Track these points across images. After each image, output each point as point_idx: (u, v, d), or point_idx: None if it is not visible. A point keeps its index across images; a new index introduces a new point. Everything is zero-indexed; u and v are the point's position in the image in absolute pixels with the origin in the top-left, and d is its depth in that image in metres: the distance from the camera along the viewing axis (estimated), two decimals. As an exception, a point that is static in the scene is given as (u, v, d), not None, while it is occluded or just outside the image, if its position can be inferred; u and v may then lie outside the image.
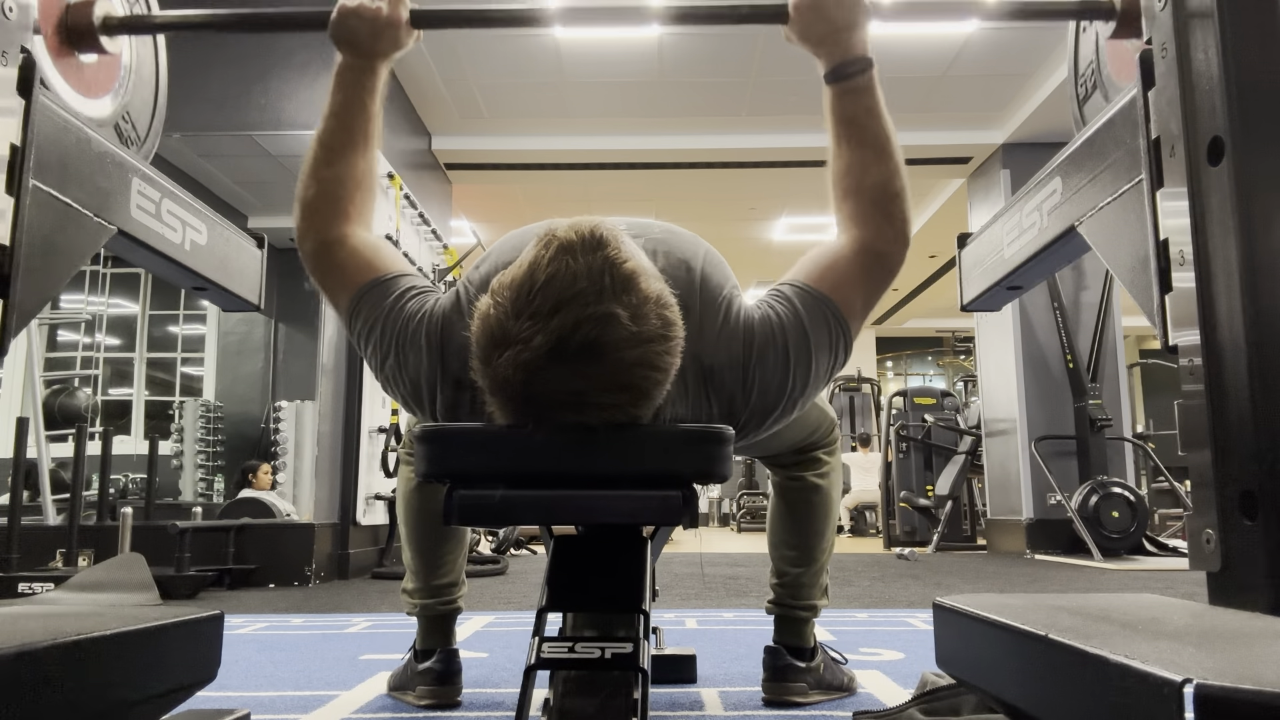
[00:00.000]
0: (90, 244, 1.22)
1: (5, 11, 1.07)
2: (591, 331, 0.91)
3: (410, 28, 1.29)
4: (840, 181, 1.23)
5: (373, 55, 1.27)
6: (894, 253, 1.19)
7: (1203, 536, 0.96)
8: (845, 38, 1.24)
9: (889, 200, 1.20)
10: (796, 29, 1.27)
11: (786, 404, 1.15)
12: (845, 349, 1.17)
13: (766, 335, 1.12)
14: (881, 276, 1.20)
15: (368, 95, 1.27)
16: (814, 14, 1.25)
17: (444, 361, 1.11)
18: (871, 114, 1.23)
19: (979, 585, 4.03)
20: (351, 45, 1.26)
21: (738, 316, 1.13)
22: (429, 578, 1.64)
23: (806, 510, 1.63)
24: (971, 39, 5.36)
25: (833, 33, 1.25)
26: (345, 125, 1.25)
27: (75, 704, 0.72)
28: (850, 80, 1.24)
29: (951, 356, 13.91)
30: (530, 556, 6.09)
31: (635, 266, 0.95)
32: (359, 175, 1.25)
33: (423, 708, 1.59)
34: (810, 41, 1.27)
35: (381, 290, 1.17)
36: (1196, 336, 0.98)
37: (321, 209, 1.22)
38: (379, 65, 1.28)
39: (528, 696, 0.95)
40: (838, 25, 1.24)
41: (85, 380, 6.62)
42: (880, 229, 1.19)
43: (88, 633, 0.74)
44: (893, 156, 1.22)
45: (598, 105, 6.18)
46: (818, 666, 1.64)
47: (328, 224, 1.22)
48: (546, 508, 1.05)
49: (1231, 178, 0.95)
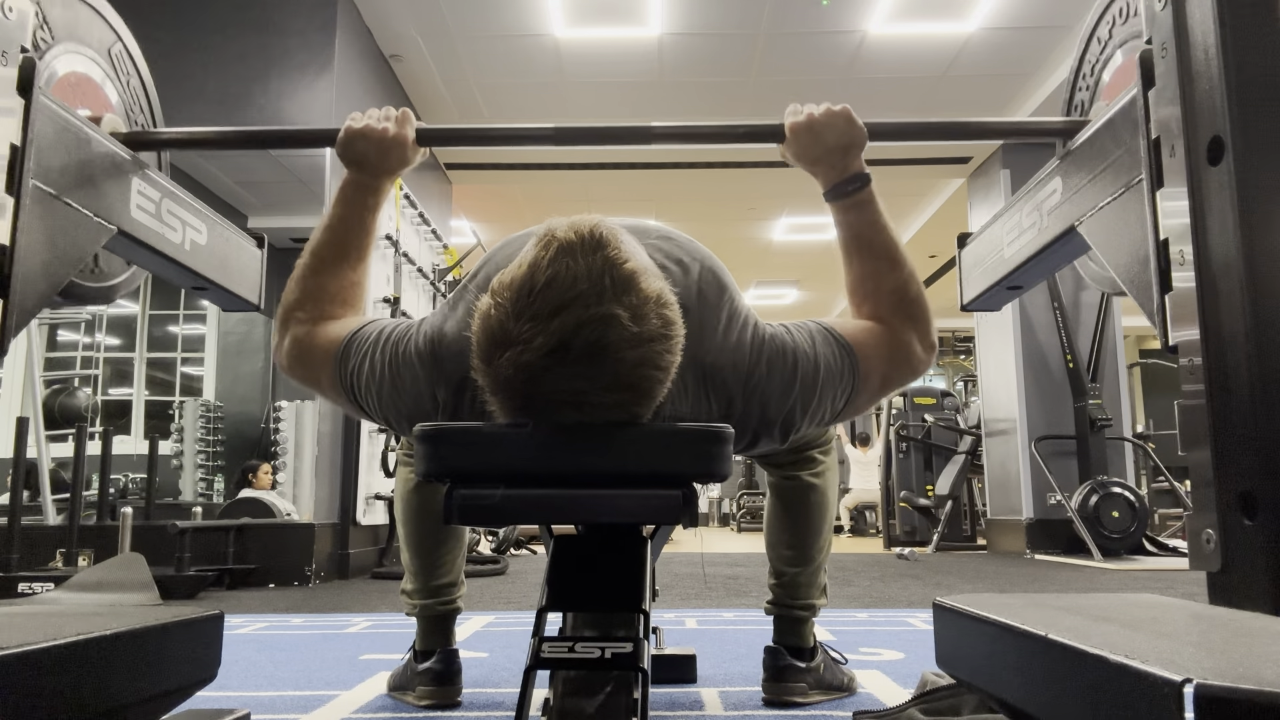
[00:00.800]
0: (90, 244, 1.22)
1: (5, 12, 1.07)
2: (593, 333, 0.91)
3: (416, 145, 1.33)
4: (857, 291, 1.26)
5: (379, 174, 1.31)
6: (919, 353, 1.21)
7: (1203, 536, 0.96)
8: (840, 158, 1.27)
9: (909, 304, 1.23)
10: (793, 150, 1.30)
11: (782, 425, 1.16)
12: (846, 405, 1.19)
13: (777, 353, 1.13)
14: (903, 369, 1.22)
15: (368, 213, 1.31)
16: (810, 136, 1.28)
17: (439, 367, 1.12)
18: (876, 226, 1.26)
19: (979, 585, 4.03)
20: (359, 165, 1.30)
21: (748, 327, 1.15)
22: (428, 578, 1.64)
23: (803, 510, 1.64)
24: (972, 39, 5.36)
25: (827, 154, 1.28)
26: (340, 239, 1.28)
27: (75, 704, 0.72)
28: (850, 197, 1.27)
29: (951, 356, 13.91)
30: (530, 556, 6.09)
31: (635, 266, 0.95)
32: (345, 286, 1.27)
33: (423, 708, 1.59)
34: (806, 162, 1.31)
35: (359, 336, 1.19)
36: (1196, 336, 0.98)
37: (299, 314, 1.24)
38: (384, 183, 1.32)
39: (527, 696, 0.95)
40: (833, 147, 1.27)
41: (85, 380, 6.62)
42: (904, 326, 1.22)
43: (88, 633, 0.74)
44: (904, 264, 1.24)
45: (598, 105, 6.18)
46: (818, 666, 1.64)
47: (301, 325, 1.23)
48: (546, 507, 1.05)
49: (1231, 178, 0.95)
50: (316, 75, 4.67)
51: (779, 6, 4.96)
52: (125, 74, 1.45)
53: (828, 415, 1.19)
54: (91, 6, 1.37)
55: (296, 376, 1.26)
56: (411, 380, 1.13)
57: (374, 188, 1.31)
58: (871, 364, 1.18)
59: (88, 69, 1.35)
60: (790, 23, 5.14)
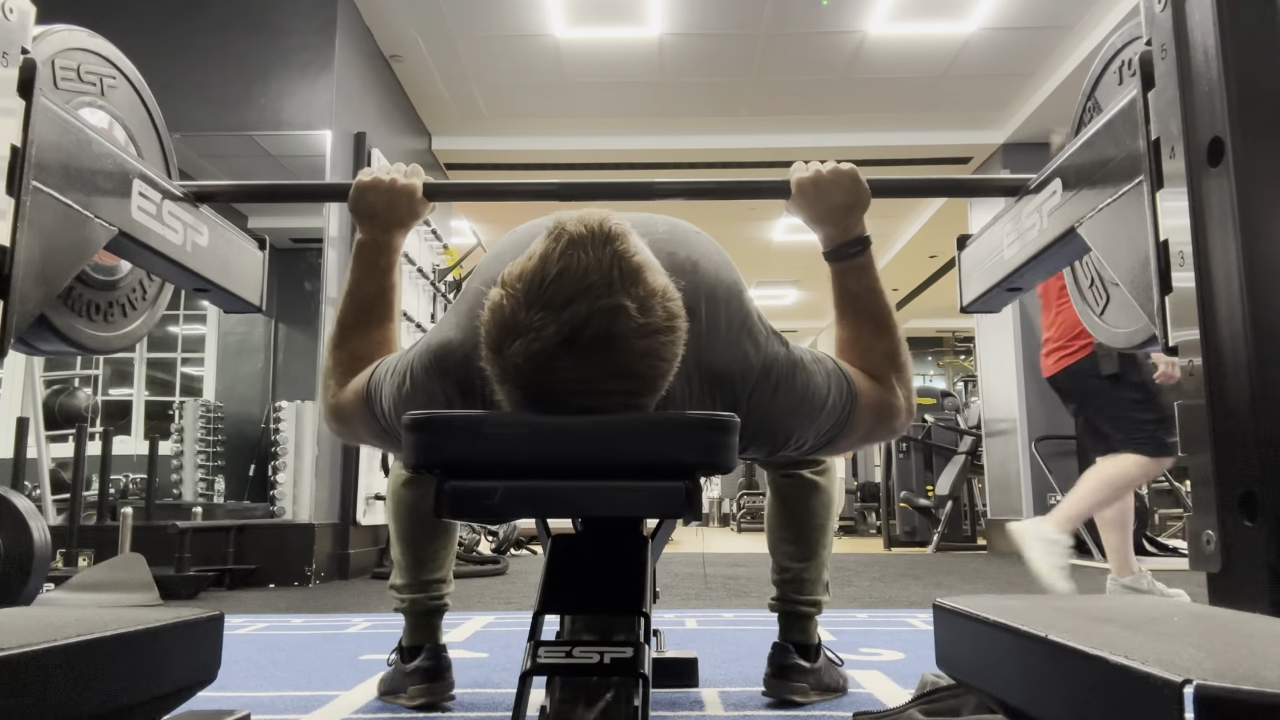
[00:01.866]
0: (90, 244, 1.22)
1: (5, 13, 1.07)
2: (602, 323, 0.93)
3: (425, 199, 1.36)
4: (848, 350, 1.30)
5: (389, 226, 1.34)
6: (901, 413, 1.26)
7: (1203, 537, 0.96)
8: (843, 218, 1.31)
9: (898, 369, 1.27)
10: (798, 205, 1.34)
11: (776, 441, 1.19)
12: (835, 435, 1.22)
13: (789, 375, 1.16)
14: (884, 429, 1.27)
15: (384, 274, 1.34)
16: (816, 192, 1.31)
17: (445, 372, 1.14)
18: (873, 292, 1.30)
19: (979, 586, 4.03)
20: (369, 217, 1.33)
21: (760, 336, 1.16)
22: (418, 573, 1.65)
23: (804, 508, 1.65)
24: (972, 39, 5.36)
25: (832, 212, 1.31)
26: (360, 305, 1.33)
27: (75, 705, 0.72)
28: (851, 260, 1.31)
29: (951, 356, 13.92)
30: (530, 556, 6.09)
31: (642, 260, 0.98)
32: (372, 347, 1.31)
33: (416, 707, 1.59)
34: (810, 218, 1.34)
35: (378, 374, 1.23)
36: (1196, 336, 0.98)
37: (331, 384, 1.30)
38: (395, 238, 1.35)
39: (524, 702, 0.92)
40: (837, 206, 1.31)
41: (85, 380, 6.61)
42: (892, 391, 1.26)
43: (88, 633, 0.74)
44: (893, 332, 1.29)
45: (598, 105, 6.19)
46: (820, 668, 1.65)
47: (337, 390, 1.29)
48: (542, 500, 1.01)
49: (1231, 178, 0.95)
50: (316, 75, 4.67)
51: (779, 6, 4.96)
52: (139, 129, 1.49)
53: (809, 446, 1.23)
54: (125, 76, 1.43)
55: (344, 437, 1.33)
56: (426, 390, 1.15)
57: (386, 245, 1.34)
58: (864, 414, 1.22)
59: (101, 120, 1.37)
60: (790, 23, 5.14)
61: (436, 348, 1.15)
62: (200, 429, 6.11)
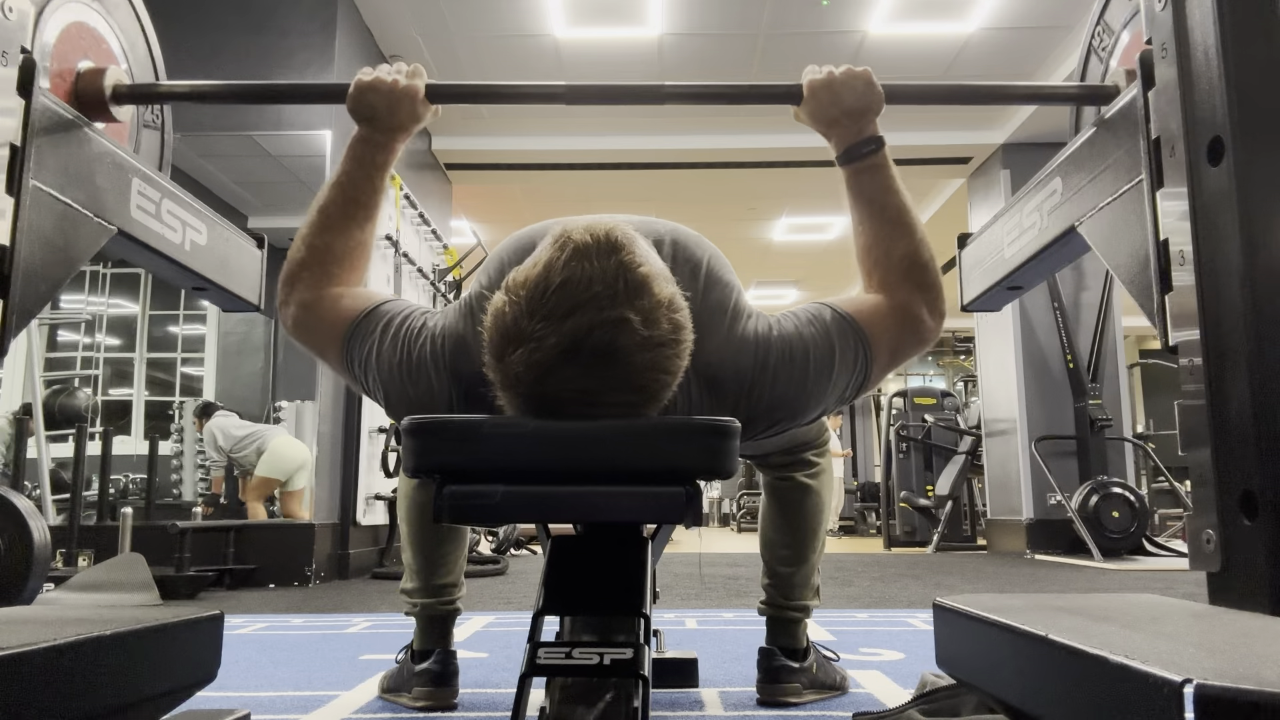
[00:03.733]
0: (90, 244, 1.22)
1: (5, 12, 1.07)
2: (605, 335, 0.92)
3: (427, 102, 1.30)
4: (867, 257, 1.24)
5: (390, 129, 1.27)
6: (928, 322, 1.19)
7: (1203, 536, 0.96)
8: (856, 120, 1.26)
9: (919, 270, 1.21)
10: (809, 109, 1.28)
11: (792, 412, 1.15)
12: (861, 383, 1.17)
13: (783, 350, 1.12)
14: (912, 340, 1.20)
15: (377, 171, 1.27)
16: (829, 95, 1.26)
17: (456, 378, 1.11)
18: (889, 190, 1.24)
19: (979, 585, 4.03)
20: (370, 120, 1.26)
21: (748, 327, 1.13)
22: (429, 577, 1.63)
23: (797, 510, 1.64)
24: (972, 40, 5.36)
25: (844, 115, 1.26)
26: (348, 197, 1.25)
27: (75, 704, 0.72)
28: (864, 160, 1.25)
29: (951, 356, 13.91)
30: (530, 557, 6.09)
31: (649, 271, 0.96)
32: (352, 246, 1.24)
33: (418, 709, 1.59)
34: (822, 123, 1.29)
35: (369, 321, 1.16)
36: (1196, 336, 0.98)
37: (305, 275, 1.21)
38: (395, 141, 1.28)
39: (523, 703, 0.92)
40: (850, 109, 1.26)
41: (85, 380, 6.61)
42: (913, 295, 1.19)
43: (88, 633, 0.74)
44: (915, 229, 1.23)
45: (598, 105, 6.17)
46: (811, 666, 1.64)
47: (310, 288, 1.21)
48: (541, 505, 1.01)
49: (1231, 178, 0.95)
50: (316, 75, 4.67)
51: (779, 6, 4.96)
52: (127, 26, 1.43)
53: (835, 402, 1.18)
54: None
55: (301, 342, 1.23)
56: (426, 387, 1.12)
57: (384, 145, 1.27)
58: (881, 343, 1.16)
59: (90, 19, 1.33)
60: (790, 23, 5.13)
61: (453, 345, 1.12)
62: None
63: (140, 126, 1.51)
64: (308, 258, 1.22)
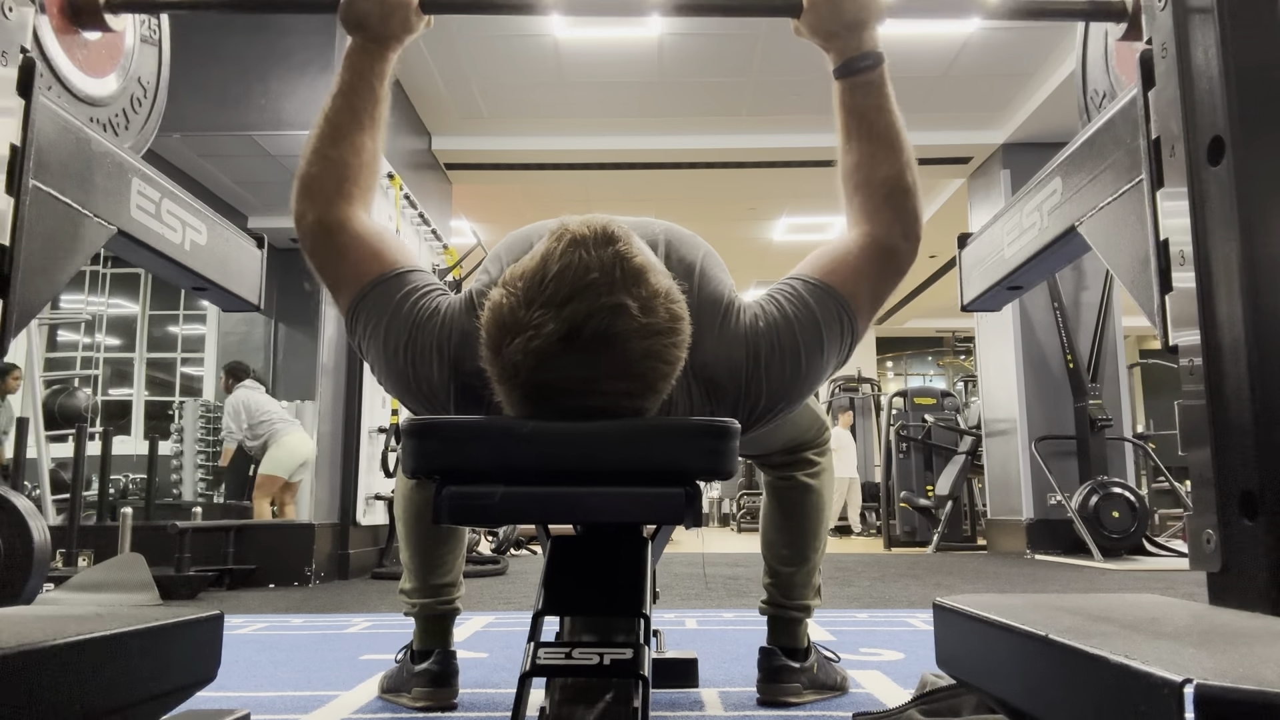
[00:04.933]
0: (90, 244, 1.22)
1: (5, 12, 1.07)
2: (603, 321, 0.93)
3: (420, 11, 1.27)
4: (850, 177, 1.22)
5: (383, 39, 1.25)
6: (904, 249, 1.19)
7: (1203, 536, 0.96)
8: (857, 33, 1.24)
9: (900, 195, 1.19)
10: (809, 21, 1.26)
11: (790, 398, 1.15)
12: (851, 344, 1.18)
13: (772, 339, 1.12)
14: (891, 274, 1.20)
15: (376, 79, 1.25)
16: (829, 7, 1.24)
17: (456, 371, 1.11)
18: (882, 110, 1.22)
19: (979, 585, 4.03)
20: (362, 28, 1.24)
21: (739, 321, 1.13)
22: (428, 577, 1.63)
23: (798, 510, 1.64)
24: (972, 39, 5.36)
25: (845, 27, 1.24)
26: (352, 105, 1.23)
27: (75, 704, 0.72)
28: (861, 75, 1.23)
29: (951, 356, 13.91)
30: (530, 557, 6.09)
31: (645, 262, 0.97)
32: (364, 156, 1.22)
33: (418, 709, 1.58)
34: (822, 35, 1.26)
35: (386, 289, 1.15)
36: (1196, 336, 0.98)
37: (324, 187, 1.19)
38: (389, 50, 1.26)
39: (523, 704, 0.92)
40: (850, 20, 1.24)
41: (85, 380, 6.61)
42: (890, 224, 1.19)
43: (88, 633, 0.74)
44: (903, 151, 1.21)
45: (598, 105, 6.18)
46: (811, 666, 1.64)
47: (330, 202, 1.19)
48: (541, 506, 1.01)
49: (1231, 178, 0.95)
50: (316, 75, 4.67)
51: (779, 6, 4.96)
52: None
53: (831, 372, 1.18)
54: None
55: (313, 263, 1.21)
56: (427, 375, 1.12)
57: (379, 54, 1.25)
58: (861, 296, 1.16)
59: None
60: (790, 23, 5.13)
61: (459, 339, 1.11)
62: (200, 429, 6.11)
63: (138, 42, 1.48)
64: (325, 168, 1.20)
